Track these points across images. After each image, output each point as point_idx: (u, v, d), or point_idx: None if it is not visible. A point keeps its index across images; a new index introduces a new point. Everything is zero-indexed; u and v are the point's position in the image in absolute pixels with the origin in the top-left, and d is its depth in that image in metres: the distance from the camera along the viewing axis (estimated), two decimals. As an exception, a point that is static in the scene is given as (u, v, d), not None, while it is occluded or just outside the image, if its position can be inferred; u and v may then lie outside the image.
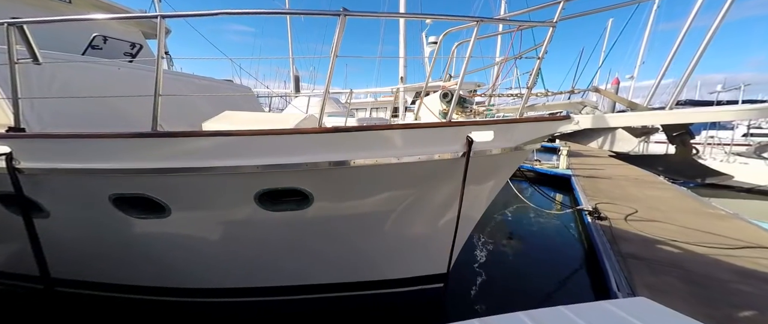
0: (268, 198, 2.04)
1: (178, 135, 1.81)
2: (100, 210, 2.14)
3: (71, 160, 1.90)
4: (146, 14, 1.74)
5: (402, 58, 9.60)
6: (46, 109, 2.49)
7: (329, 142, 1.81)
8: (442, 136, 1.87)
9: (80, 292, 2.58)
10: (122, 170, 1.86)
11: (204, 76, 4.84)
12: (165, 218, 2.16)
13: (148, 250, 2.33)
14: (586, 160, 10.35)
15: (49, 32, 3.37)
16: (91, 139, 1.87)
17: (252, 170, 1.83)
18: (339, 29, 1.70)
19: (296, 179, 1.96)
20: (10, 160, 1.92)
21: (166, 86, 4.01)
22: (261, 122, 2.64)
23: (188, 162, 1.83)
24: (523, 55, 2.29)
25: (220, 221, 2.20)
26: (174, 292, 2.52)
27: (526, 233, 5.09)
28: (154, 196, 2.05)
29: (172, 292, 2.52)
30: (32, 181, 2.01)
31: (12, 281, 2.71)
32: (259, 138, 1.80)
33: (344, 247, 2.38)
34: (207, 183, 1.96)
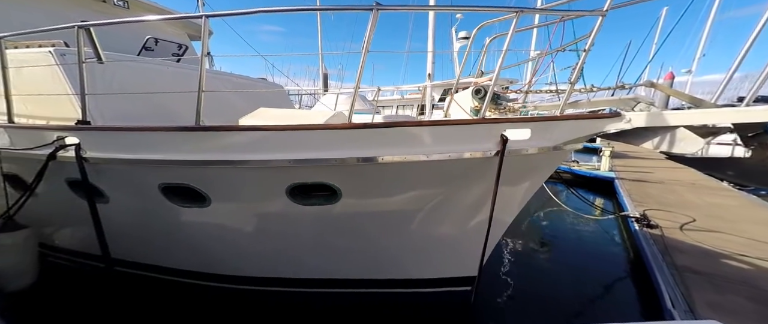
0: (298, 192, 2.09)
1: (218, 129, 1.92)
2: (151, 197, 2.34)
3: (127, 150, 2.10)
4: (192, 14, 1.83)
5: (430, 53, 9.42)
6: (107, 104, 2.76)
7: (358, 138, 1.81)
8: (474, 134, 1.79)
9: (136, 272, 2.85)
10: (169, 161, 2.01)
11: (241, 75, 5.11)
12: (205, 208, 2.30)
13: (190, 236, 2.51)
14: (632, 162, 9.47)
15: (110, 35, 3.71)
16: (144, 131, 2.05)
17: (283, 164, 1.89)
18: (371, 24, 1.69)
19: (325, 174, 1.99)
20: (79, 149, 2.16)
21: (208, 84, 4.29)
22: (292, 118, 2.73)
23: (226, 155, 1.93)
24: (566, 48, 2.12)
25: (254, 213, 2.31)
26: (210, 278, 2.69)
27: (561, 239, 4.78)
28: (196, 186, 2.20)
29: (209, 277, 2.69)
30: (96, 170, 2.24)
31: (79, 259, 3.06)
32: (290, 133, 1.85)
33: (371, 243, 2.38)
34: (243, 176, 2.06)
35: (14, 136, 2.45)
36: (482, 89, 2.23)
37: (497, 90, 2.30)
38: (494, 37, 2.48)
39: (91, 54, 2.17)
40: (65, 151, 2.21)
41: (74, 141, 2.19)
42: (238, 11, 1.81)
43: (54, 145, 2.21)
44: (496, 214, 2.09)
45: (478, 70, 2.89)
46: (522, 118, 1.92)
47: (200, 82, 1.94)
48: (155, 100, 3.01)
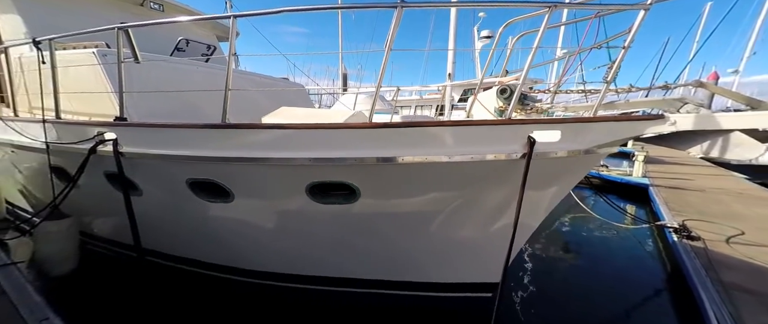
0: (318, 190, 2.10)
1: (242, 127, 1.96)
2: (179, 191, 2.44)
3: (159, 146, 2.20)
4: (220, 15, 1.89)
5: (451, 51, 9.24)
6: (141, 102, 2.92)
7: (377, 138, 1.79)
8: (499, 135, 1.72)
9: (165, 263, 2.99)
10: (196, 157, 2.08)
11: (264, 74, 5.26)
12: (229, 203, 2.37)
13: (214, 230, 2.60)
14: (669, 168, 8.81)
15: (147, 37, 3.92)
16: (174, 128, 2.13)
17: (303, 162, 1.90)
18: (394, 22, 1.66)
19: (344, 173, 1.98)
20: (116, 144, 2.29)
21: (233, 83, 4.46)
22: (313, 117, 2.75)
23: (248, 152, 1.97)
24: (602, 45, 1.98)
25: (274, 209, 2.34)
26: (233, 271, 2.77)
27: (587, 247, 4.52)
28: (220, 181, 2.27)
29: (232, 270, 2.77)
30: (131, 164, 2.37)
31: (114, 248, 3.25)
32: (310, 132, 1.86)
33: (390, 244, 2.36)
34: (264, 173, 2.10)
35: (61, 131, 2.64)
36: (508, 89, 2.14)
37: (523, 90, 2.19)
38: (521, 35, 2.36)
39: (129, 54, 2.29)
40: (104, 145, 2.35)
41: (112, 136, 2.33)
42: (264, 11, 1.85)
43: (94, 140, 2.36)
44: (521, 218, 1.99)
45: (503, 70, 2.78)
46: (551, 119, 1.82)
47: (227, 80, 2.00)
48: (185, 99, 3.15)
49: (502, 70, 2.68)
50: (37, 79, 3.30)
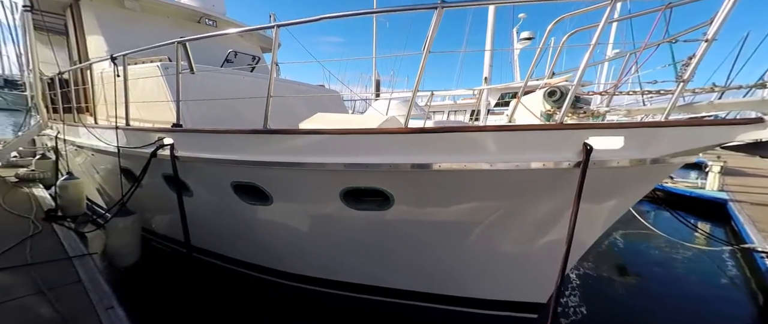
0: (352, 196, 2.09)
1: (280, 132, 2.03)
2: (224, 193, 2.59)
3: (208, 150, 2.36)
4: (265, 25, 1.99)
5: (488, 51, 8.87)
6: (194, 110, 3.18)
7: (413, 143, 1.72)
8: (549, 141, 1.56)
9: (211, 260, 3.19)
10: (240, 161, 2.18)
11: (301, 82, 5.50)
12: (268, 206, 2.46)
13: (254, 231, 2.71)
14: (755, 182, 7.52)
15: (204, 50, 4.30)
16: (221, 134, 2.27)
17: (338, 168, 1.90)
18: (434, 24, 1.60)
19: (378, 179, 1.94)
20: (173, 149, 2.50)
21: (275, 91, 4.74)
22: (348, 123, 2.77)
23: (287, 157, 2.02)
24: (677, 38, 1.72)
25: (309, 214, 2.38)
26: (270, 272, 2.86)
27: (650, 268, 3.97)
28: (261, 185, 2.36)
29: (269, 271, 2.86)
30: (185, 167, 2.57)
31: (168, 243, 3.56)
32: (346, 137, 1.85)
33: (424, 254, 2.26)
34: (301, 177, 2.14)
35: (129, 136, 2.97)
36: (558, 91, 1.95)
37: (575, 91, 1.99)
38: (573, 33, 2.16)
39: (186, 66, 2.51)
40: (163, 150, 2.59)
41: (169, 141, 2.55)
42: (304, 19, 1.90)
43: (155, 145, 2.60)
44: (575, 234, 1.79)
45: (550, 71, 2.56)
46: (613, 123, 1.61)
47: (269, 88, 2.08)
48: (232, 105, 3.38)
49: (549, 70, 2.48)
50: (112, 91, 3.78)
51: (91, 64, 3.57)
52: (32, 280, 2.25)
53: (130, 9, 4.99)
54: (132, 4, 4.97)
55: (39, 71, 4.88)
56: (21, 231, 3.07)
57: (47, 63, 5.33)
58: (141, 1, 5.05)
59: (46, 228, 3.18)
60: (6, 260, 2.48)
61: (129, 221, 2.99)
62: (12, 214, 3.48)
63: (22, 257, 2.55)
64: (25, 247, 2.73)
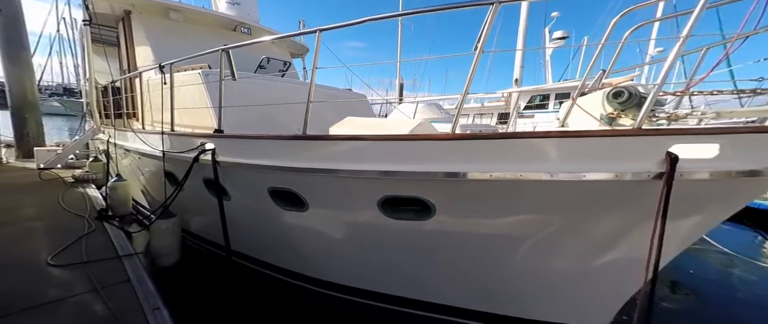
0: (389, 204, 2.00)
1: (321, 138, 1.98)
2: (261, 198, 2.60)
3: (248, 156, 2.37)
4: (308, 30, 1.95)
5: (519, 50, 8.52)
6: (231, 115, 3.26)
7: (463, 151, 1.60)
8: (624, 149, 1.37)
9: (247, 264, 3.22)
10: (278, 167, 2.17)
11: (330, 86, 5.54)
12: (304, 212, 2.43)
13: (289, 237, 2.70)
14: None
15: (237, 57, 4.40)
16: (260, 139, 2.28)
17: (378, 176, 1.82)
18: (488, 21, 1.48)
19: (419, 188, 1.84)
20: (214, 154, 2.55)
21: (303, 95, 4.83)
22: (380, 128, 2.68)
23: (327, 163, 1.97)
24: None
25: (344, 221, 2.31)
26: (304, 279, 2.83)
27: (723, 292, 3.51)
28: (297, 191, 2.34)
29: (303, 278, 2.84)
30: (224, 171, 2.61)
31: (204, 245, 3.66)
32: (387, 143, 1.77)
33: (463, 268, 2.12)
34: (338, 184, 2.08)
35: (173, 141, 3.09)
36: (625, 91, 1.74)
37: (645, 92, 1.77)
38: (638, 27, 1.92)
39: (226, 73, 2.56)
40: (205, 155, 2.65)
41: (211, 146, 2.61)
42: (351, 22, 1.85)
43: (197, 150, 2.68)
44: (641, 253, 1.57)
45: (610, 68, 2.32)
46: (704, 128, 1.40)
47: (309, 93, 2.05)
48: (264, 110, 3.43)
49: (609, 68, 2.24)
50: (158, 97, 4.00)
51: (141, 73, 3.78)
52: (87, 277, 2.37)
53: (175, 20, 5.30)
54: (176, 15, 5.27)
55: (94, 80, 5.28)
56: (78, 229, 3.28)
57: (100, 72, 5.79)
58: (184, 13, 5.34)
59: (98, 227, 3.38)
60: (66, 257, 2.65)
61: (171, 223, 3.11)
62: (70, 213, 3.75)
63: (78, 255, 2.71)
64: (82, 245, 2.90)
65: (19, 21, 6.89)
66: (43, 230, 3.22)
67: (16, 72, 6.87)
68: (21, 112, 6.98)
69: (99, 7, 4.88)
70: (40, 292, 2.15)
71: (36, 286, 2.22)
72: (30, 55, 7.23)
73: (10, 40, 6.74)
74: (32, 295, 2.12)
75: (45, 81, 26.02)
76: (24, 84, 7.00)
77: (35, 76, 7.63)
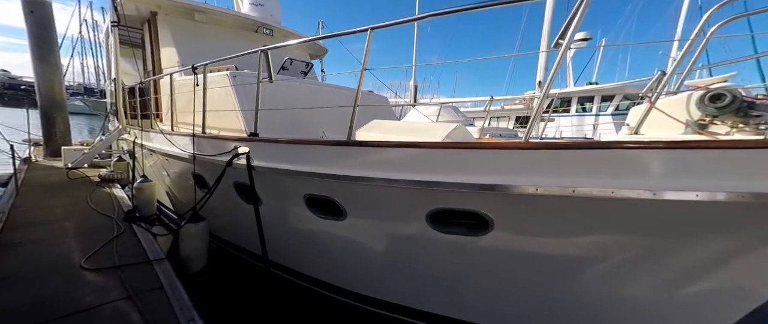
0: (439, 217, 1.85)
1: (368, 145, 1.85)
2: (295, 205, 2.50)
3: (285, 161, 2.27)
4: (359, 28, 1.82)
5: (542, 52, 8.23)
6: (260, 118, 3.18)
7: (537, 162, 1.44)
8: (747, 163, 1.16)
9: (278, 273, 3.06)
10: (321, 174, 2.05)
11: (351, 88, 5.44)
12: (341, 221, 2.31)
13: (322, 245, 2.58)
14: None
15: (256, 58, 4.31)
16: (301, 145, 2.17)
17: (433, 187, 1.67)
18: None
19: (478, 201, 1.69)
20: (249, 158, 2.46)
21: (329, 97, 4.77)
22: (410, 131, 2.52)
23: (374, 171, 1.84)
24: None
25: (386, 233, 2.18)
26: (341, 292, 2.69)
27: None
28: (337, 199, 2.22)
29: (340, 291, 2.70)
30: (257, 176, 2.52)
31: (238, 252, 3.57)
32: (446, 152, 1.63)
33: (520, 290, 1.94)
34: (384, 194, 1.95)
35: (204, 144, 3.02)
36: (728, 94, 1.54)
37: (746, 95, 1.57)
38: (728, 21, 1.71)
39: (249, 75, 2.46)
40: (238, 158, 2.57)
41: (245, 150, 2.53)
42: (403, 19, 1.72)
43: (231, 153, 2.59)
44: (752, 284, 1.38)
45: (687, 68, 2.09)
46: None
47: (356, 97, 1.93)
48: (291, 112, 3.35)
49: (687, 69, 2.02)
50: (182, 99, 3.97)
51: (171, 74, 3.75)
52: (121, 282, 2.31)
53: (199, 21, 5.30)
54: (201, 16, 5.28)
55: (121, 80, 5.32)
56: (107, 230, 3.26)
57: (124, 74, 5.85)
58: (209, 14, 5.34)
59: (126, 228, 3.35)
60: (98, 260, 2.61)
61: (200, 227, 3.03)
62: (98, 213, 3.74)
63: (110, 258, 2.66)
64: (112, 248, 2.87)
65: (50, 22, 7.06)
66: (74, 231, 3.20)
67: (46, 72, 7.04)
68: (50, 112, 7.15)
69: (126, 8, 4.91)
70: (78, 298, 2.10)
71: (73, 290, 2.17)
72: (58, 55, 7.40)
73: (41, 40, 6.90)
74: (70, 300, 2.07)
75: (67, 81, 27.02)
76: (53, 84, 7.16)
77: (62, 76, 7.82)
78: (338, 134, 4.19)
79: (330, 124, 4.05)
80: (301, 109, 3.52)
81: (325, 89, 4.44)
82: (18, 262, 2.52)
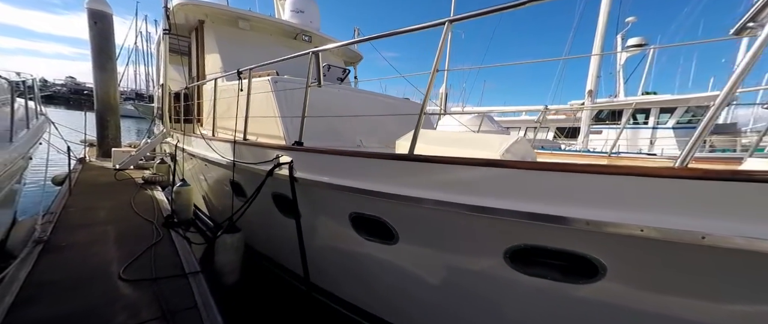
0: (522, 255, 1.49)
1: (439, 161, 1.55)
2: (338, 223, 2.24)
3: (334, 175, 2.02)
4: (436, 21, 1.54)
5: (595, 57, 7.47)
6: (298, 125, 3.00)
7: (711, 198, 1.01)
8: None
9: (329, 303, 2.71)
10: (377, 192, 1.77)
11: (388, 95, 5.22)
12: (390, 245, 2.02)
13: (364, 270, 2.29)
14: None
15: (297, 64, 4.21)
16: (354, 157, 1.92)
17: (528, 218, 1.32)
18: None
19: (587, 242, 1.31)
20: (291, 169, 2.26)
21: (366, 104, 4.56)
22: (460, 142, 2.17)
23: (444, 194, 1.52)
24: None
25: (448, 265, 1.84)
26: (373, 319, 2.39)
27: None
28: (389, 221, 1.93)
29: (372, 318, 2.40)
30: (299, 189, 2.31)
31: (274, 268, 3.37)
32: (554, 175, 1.25)
33: None
34: (452, 220, 1.63)
35: (244, 151, 2.89)
36: None
37: None
38: None
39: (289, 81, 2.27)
40: (279, 169, 2.38)
41: (286, 160, 2.33)
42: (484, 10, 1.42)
43: (272, 163, 2.41)
44: None
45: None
46: None
47: (423, 104, 1.65)
48: (326, 119, 3.14)
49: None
50: (222, 104, 3.94)
51: (216, 79, 3.73)
52: (155, 297, 2.18)
53: (243, 28, 5.38)
54: (245, 24, 5.36)
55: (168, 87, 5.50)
56: (146, 235, 3.23)
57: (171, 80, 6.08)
58: (252, 21, 5.42)
59: (164, 235, 3.30)
60: (136, 271, 2.52)
61: (236, 239, 2.88)
62: (140, 217, 3.76)
63: (148, 268, 2.57)
64: (151, 256, 2.79)
65: (110, 33, 7.63)
66: (116, 235, 3.20)
67: (103, 78, 7.58)
68: (104, 115, 7.66)
69: (177, 18, 5.08)
70: (112, 314, 1.97)
71: (109, 306, 2.06)
72: (116, 64, 7.97)
73: (101, 49, 7.46)
74: (105, 316, 1.94)
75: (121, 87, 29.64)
76: (108, 90, 7.69)
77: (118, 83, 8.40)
78: (375, 143, 3.95)
79: (367, 133, 3.81)
80: (336, 116, 3.32)
81: (362, 96, 4.23)
82: (60, 268, 2.48)
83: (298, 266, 2.93)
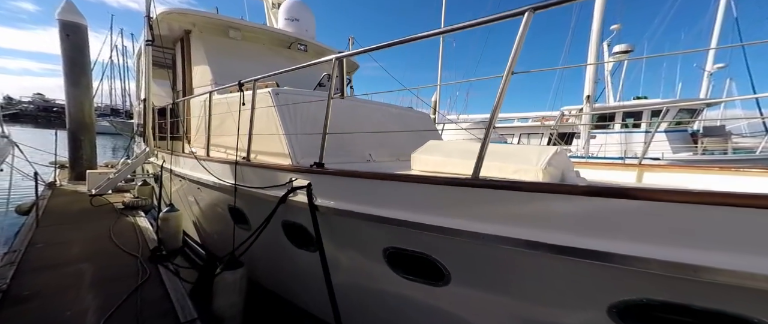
0: (637, 311, 1.20)
1: (512, 188, 1.25)
2: (368, 259, 1.91)
3: (365, 203, 1.70)
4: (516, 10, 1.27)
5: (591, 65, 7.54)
6: (303, 140, 2.67)
7: None
8: None
9: None
10: (427, 226, 1.46)
11: (393, 105, 4.96)
12: (438, 287, 1.69)
13: (402, 314, 1.95)
14: None
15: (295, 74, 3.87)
16: (390, 181, 1.60)
17: (660, 270, 1.01)
18: None
19: (732, 296, 1.01)
20: (311, 195, 1.91)
21: (374, 115, 4.27)
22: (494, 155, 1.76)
23: (534, 233, 1.20)
24: None
25: (525, 318, 1.51)
26: None
27: None
28: (437, 258, 1.61)
29: None
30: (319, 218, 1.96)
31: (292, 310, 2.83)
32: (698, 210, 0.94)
33: None
34: (530, 264, 1.33)
35: (247, 173, 2.52)
36: None
37: None
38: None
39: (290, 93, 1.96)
40: (294, 194, 2.03)
41: (303, 183, 1.99)
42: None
43: (286, 187, 2.07)
44: None
45: None
46: None
47: (493, 115, 1.38)
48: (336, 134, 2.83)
49: None
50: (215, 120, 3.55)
51: (210, 93, 3.34)
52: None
53: (234, 38, 5.03)
54: (235, 33, 5.01)
55: (151, 102, 5.04)
56: (130, 274, 2.77)
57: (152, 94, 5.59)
58: (243, 31, 5.07)
59: (152, 272, 2.84)
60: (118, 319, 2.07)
61: (238, 276, 2.47)
62: (121, 251, 3.27)
63: (133, 319, 2.13)
64: (136, 301, 2.34)
65: (84, 46, 7.06)
66: (93, 277, 2.71)
67: (76, 94, 6.96)
68: (78, 134, 7.00)
69: (160, 28, 4.68)
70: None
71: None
72: (90, 78, 7.36)
73: (75, 63, 6.87)
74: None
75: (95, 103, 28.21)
76: (83, 106, 7.06)
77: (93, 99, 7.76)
78: (387, 157, 3.64)
79: (377, 147, 3.50)
80: (342, 128, 2.99)
81: (367, 106, 3.94)
82: (21, 327, 2.01)
83: (312, 303, 2.55)
